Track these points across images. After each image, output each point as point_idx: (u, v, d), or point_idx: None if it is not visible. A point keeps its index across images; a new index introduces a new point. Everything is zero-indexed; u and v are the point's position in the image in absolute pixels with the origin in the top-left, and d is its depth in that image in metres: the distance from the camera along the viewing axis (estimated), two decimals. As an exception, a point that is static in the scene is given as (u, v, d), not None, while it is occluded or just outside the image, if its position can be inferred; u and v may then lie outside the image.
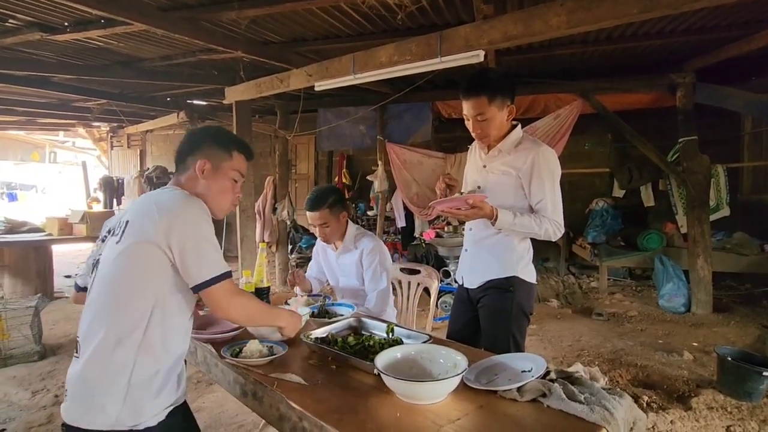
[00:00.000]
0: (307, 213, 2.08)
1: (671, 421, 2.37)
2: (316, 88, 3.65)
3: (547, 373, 1.19)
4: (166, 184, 1.27)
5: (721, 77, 4.38)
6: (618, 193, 5.60)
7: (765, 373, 2.51)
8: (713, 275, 4.30)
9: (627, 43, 3.83)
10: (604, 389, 1.13)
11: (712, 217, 4.54)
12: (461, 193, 1.68)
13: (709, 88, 4.30)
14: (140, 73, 4.66)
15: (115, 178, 8.50)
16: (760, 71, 4.60)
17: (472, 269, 1.83)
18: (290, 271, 2.22)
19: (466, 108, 1.67)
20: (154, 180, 8.04)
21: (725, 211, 4.80)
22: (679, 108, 4.40)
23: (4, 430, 2.41)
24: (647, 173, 5.22)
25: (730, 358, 2.66)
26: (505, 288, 1.72)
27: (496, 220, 1.60)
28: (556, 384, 1.12)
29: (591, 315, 4.27)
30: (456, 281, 1.95)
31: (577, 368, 2.92)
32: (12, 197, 12.09)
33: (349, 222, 2.18)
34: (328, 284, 2.38)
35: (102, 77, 4.66)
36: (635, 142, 4.64)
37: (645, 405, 2.54)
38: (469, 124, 1.70)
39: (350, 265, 2.14)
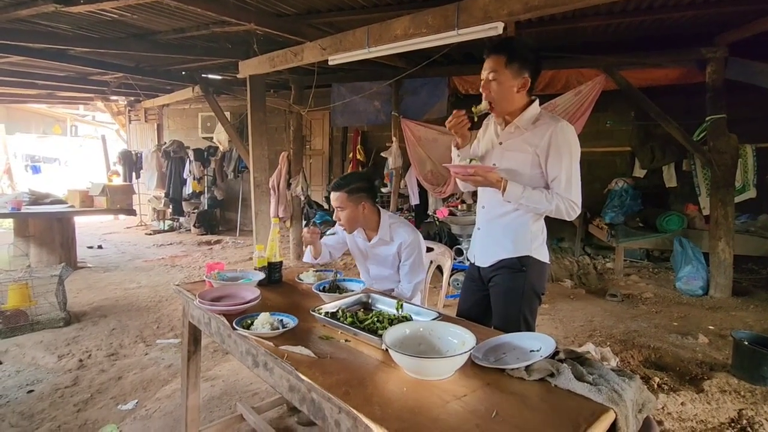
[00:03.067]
0: (331, 193, 2.07)
1: (682, 403, 2.36)
2: (330, 62, 3.59)
3: (556, 353, 1.19)
4: (183, 158, 1.25)
5: (755, 52, 4.14)
6: (639, 173, 5.45)
7: (782, 359, 2.47)
8: (734, 258, 4.19)
9: (656, 15, 3.63)
10: (613, 371, 1.13)
11: (738, 199, 4.40)
12: (476, 158, 1.69)
13: (741, 63, 4.09)
14: (155, 47, 4.64)
15: (133, 152, 8.64)
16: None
17: (485, 248, 1.80)
18: (309, 228, 2.16)
19: (484, 67, 1.63)
20: (171, 154, 8.15)
21: (751, 193, 4.64)
22: (708, 84, 4.20)
23: (32, 391, 2.55)
24: (670, 153, 5.05)
25: (746, 342, 2.62)
26: (517, 268, 1.69)
27: (504, 191, 1.59)
28: (564, 364, 1.12)
29: (605, 296, 4.23)
30: (468, 260, 1.94)
31: (588, 348, 2.92)
32: (36, 170, 12.39)
33: (382, 212, 2.11)
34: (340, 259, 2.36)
35: (117, 50, 4.66)
36: (660, 121, 4.47)
37: (656, 386, 2.53)
38: (482, 85, 1.65)
39: (386, 257, 2.10)
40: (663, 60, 4.41)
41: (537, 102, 1.67)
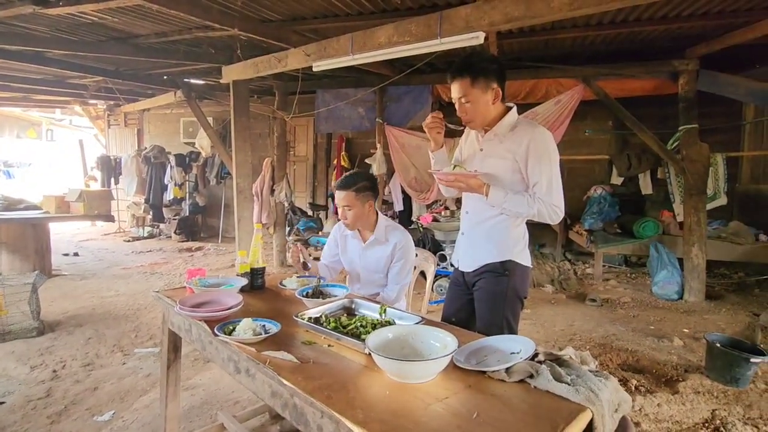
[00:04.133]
0: (335, 192, 2.07)
1: (658, 404, 2.42)
2: (314, 69, 3.61)
3: (536, 354, 1.21)
4: (164, 163, 1.24)
5: (724, 65, 4.33)
6: (616, 180, 5.60)
7: (753, 360, 2.56)
8: (707, 263, 4.33)
9: (630, 28, 3.77)
10: (590, 371, 1.15)
11: (709, 206, 4.55)
12: (460, 165, 1.73)
13: (711, 75, 4.26)
14: (136, 50, 4.58)
15: (112, 157, 8.47)
16: (764, 59, 4.54)
17: (468, 253, 1.84)
18: (294, 249, 2.12)
19: (452, 91, 1.69)
20: (152, 159, 8.02)
21: (722, 200, 4.81)
22: (680, 95, 4.36)
23: (2, 403, 2.45)
24: (646, 161, 5.21)
25: (719, 345, 2.70)
26: (500, 272, 1.72)
27: (487, 196, 1.64)
28: (543, 365, 1.14)
29: (585, 301, 4.32)
30: (452, 265, 1.97)
31: (568, 352, 2.97)
32: (8, 175, 12.01)
33: (380, 214, 2.16)
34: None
35: (97, 53, 4.57)
36: (635, 130, 4.61)
37: (633, 388, 2.59)
38: (457, 108, 1.71)
39: (379, 259, 2.12)
40: (638, 71, 4.56)
41: (515, 109, 1.71)
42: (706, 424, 2.27)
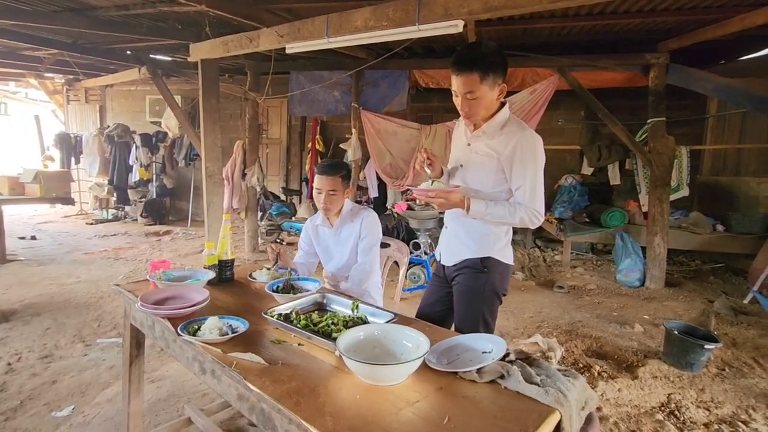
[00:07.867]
0: (319, 177, 2.06)
1: (618, 389, 2.53)
2: (287, 51, 3.47)
3: (507, 354, 1.22)
4: (128, 143, 1.14)
5: (691, 59, 4.44)
6: (587, 170, 5.72)
7: (706, 347, 2.70)
8: (667, 252, 4.52)
9: (606, 20, 3.80)
10: (559, 370, 1.17)
11: (673, 197, 4.72)
12: (438, 180, 1.68)
13: (681, 69, 4.36)
14: (94, 23, 4.28)
15: (72, 135, 8.01)
16: (729, 55, 4.69)
17: (450, 247, 1.82)
18: (274, 246, 2.10)
19: (456, 84, 1.57)
20: (115, 138, 7.64)
21: (685, 192, 5.01)
22: (650, 89, 4.45)
23: (-48, 400, 2.32)
24: (615, 152, 5.34)
25: (676, 332, 2.83)
26: (479, 268, 1.71)
27: (468, 209, 1.60)
28: (514, 366, 1.15)
29: (553, 288, 4.44)
30: (425, 254, 1.96)
31: (537, 339, 3.05)
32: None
33: (345, 200, 2.21)
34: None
35: (51, 25, 4.24)
36: (606, 121, 4.70)
37: (596, 374, 2.69)
38: (457, 101, 1.61)
39: (348, 238, 2.15)
40: (611, 63, 4.62)
41: (507, 106, 1.66)
42: (662, 408, 2.39)
